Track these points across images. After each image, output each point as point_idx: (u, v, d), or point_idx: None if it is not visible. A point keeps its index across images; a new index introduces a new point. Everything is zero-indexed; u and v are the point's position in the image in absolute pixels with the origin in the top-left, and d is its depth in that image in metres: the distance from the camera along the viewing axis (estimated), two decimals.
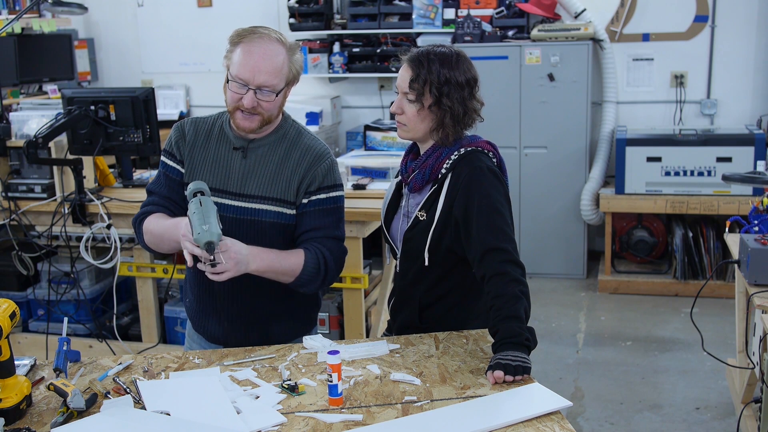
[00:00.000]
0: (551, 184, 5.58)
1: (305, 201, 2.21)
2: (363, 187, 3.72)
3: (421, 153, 2.20)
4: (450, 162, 2.13)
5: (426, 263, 2.14)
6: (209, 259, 1.92)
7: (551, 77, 5.41)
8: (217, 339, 2.34)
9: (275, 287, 2.21)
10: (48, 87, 5.87)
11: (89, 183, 3.78)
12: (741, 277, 3.18)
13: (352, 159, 4.09)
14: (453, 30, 5.67)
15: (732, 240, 3.27)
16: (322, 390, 1.83)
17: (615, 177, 5.34)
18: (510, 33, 5.65)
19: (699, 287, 4.19)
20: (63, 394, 1.74)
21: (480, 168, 2.10)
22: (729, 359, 3.59)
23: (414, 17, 5.79)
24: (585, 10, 5.57)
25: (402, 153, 2.34)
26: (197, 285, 2.32)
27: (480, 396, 1.77)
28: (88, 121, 3.49)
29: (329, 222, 2.23)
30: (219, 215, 1.98)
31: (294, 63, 2.17)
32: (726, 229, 3.51)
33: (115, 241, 3.66)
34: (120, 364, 2.02)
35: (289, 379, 1.87)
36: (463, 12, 5.70)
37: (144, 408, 1.75)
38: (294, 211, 2.22)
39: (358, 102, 6.39)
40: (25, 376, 1.91)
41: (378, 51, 5.96)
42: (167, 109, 6.30)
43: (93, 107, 3.49)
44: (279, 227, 2.22)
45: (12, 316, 1.75)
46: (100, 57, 6.87)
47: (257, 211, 2.20)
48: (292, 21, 6.03)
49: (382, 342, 2.08)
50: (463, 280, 2.17)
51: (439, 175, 2.14)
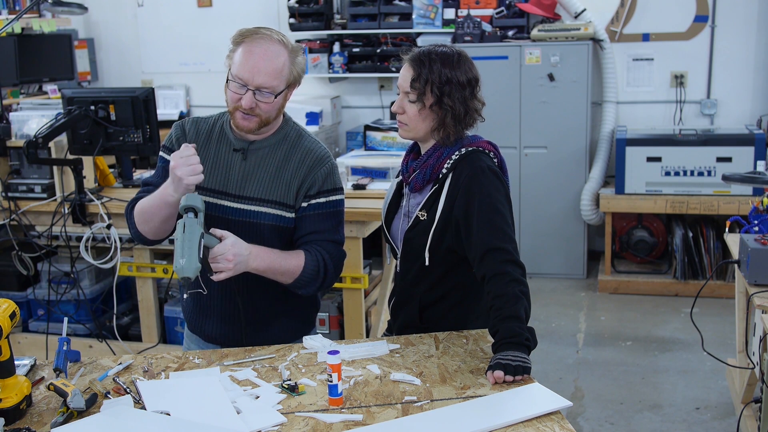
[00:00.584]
0: (551, 184, 5.58)
1: (305, 204, 2.21)
2: (363, 187, 3.72)
3: (422, 153, 2.20)
4: (451, 162, 2.13)
5: (426, 263, 2.14)
6: (185, 295, 1.92)
7: (551, 77, 5.41)
8: (214, 339, 2.34)
9: (272, 288, 2.21)
10: (48, 87, 5.87)
11: (89, 183, 3.78)
12: (741, 277, 3.18)
13: (352, 159, 4.08)
14: (453, 30, 5.67)
15: (732, 240, 3.27)
16: (322, 390, 1.83)
17: (615, 177, 5.34)
18: (510, 33, 5.65)
19: (699, 287, 4.19)
20: (63, 394, 1.74)
21: (481, 168, 2.10)
22: (729, 359, 3.59)
23: (414, 17, 5.79)
24: (585, 10, 5.57)
25: (402, 153, 2.34)
26: (193, 285, 2.30)
27: (480, 396, 1.77)
28: (88, 121, 3.49)
29: (329, 226, 2.23)
30: (205, 235, 1.94)
31: (295, 65, 2.16)
32: (726, 229, 3.51)
33: (115, 241, 3.66)
34: (120, 364, 2.02)
35: (289, 379, 1.87)
36: (463, 12, 5.70)
37: (144, 408, 1.75)
38: (293, 215, 2.22)
39: (358, 102, 6.39)
40: (25, 376, 1.91)
41: (378, 51, 5.96)
42: (167, 109, 6.30)
43: (93, 107, 3.49)
44: (278, 230, 2.21)
45: (12, 316, 1.75)
46: (100, 57, 6.87)
47: (256, 214, 2.20)
48: (292, 21, 6.03)
49: (382, 342, 2.08)
50: (464, 280, 2.17)
51: (440, 175, 2.14)
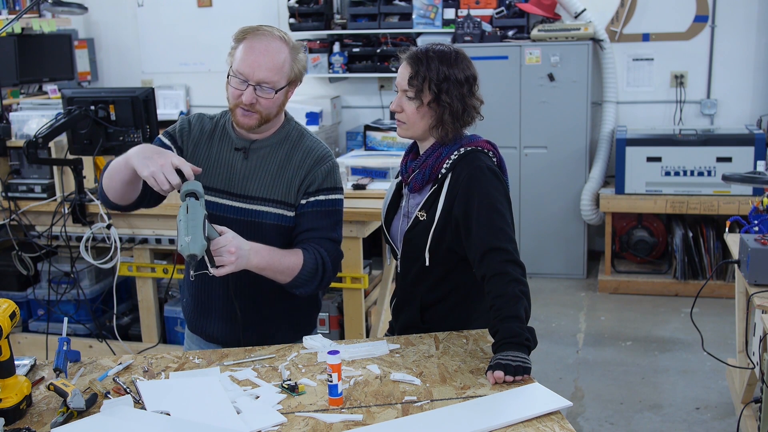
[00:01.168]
0: (551, 184, 5.58)
1: (303, 202, 2.21)
2: (363, 187, 3.72)
3: (421, 152, 2.20)
4: (450, 162, 2.13)
5: (427, 263, 2.14)
6: (192, 271, 1.90)
7: (551, 77, 5.41)
8: (215, 339, 2.34)
9: (273, 288, 2.20)
10: (48, 87, 5.86)
11: (89, 183, 3.78)
12: (741, 277, 3.18)
13: (352, 159, 4.09)
14: (453, 30, 5.68)
15: (732, 240, 3.27)
16: (322, 390, 1.83)
17: (615, 177, 5.34)
18: (510, 33, 5.65)
19: (699, 287, 4.19)
20: (63, 394, 1.74)
21: (480, 167, 2.10)
22: (729, 359, 3.59)
23: (414, 17, 5.79)
24: (585, 10, 5.57)
25: (402, 153, 2.33)
26: (194, 284, 2.31)
27: (480, 396, 1.77)
28: (88, 121, 3.49)
29: (327, 224, 2.22)
30: (207, 224, 1.93)
31: (296, 62, 2.17)
32: (726, 229, 3.51)
33: (115, 241, 3.66)
34: (120, 364, 2.01)
35: (289, 379, 1.87)
36: (463, 12, 5.70)
37: (144, 408, 1.75)
38: (294, 213, 2.22)
39: (358, 102, 6.39)
40: (25, 376, 1.91)
41: (378, 51, 5.96)
42: (167, 109, 6.30)
43: (93, 107, 3.49)
44: (279, 229, 2.21)
45: (12, 316, 1.75)
46: (100, 57, 6.87)
47: (258, 213, 2.20)
48: (292, 21, 6.03)
49: (382, 342, 2.08)
50: (465, 279, 2.17)
51: (439, 175, 2.14)
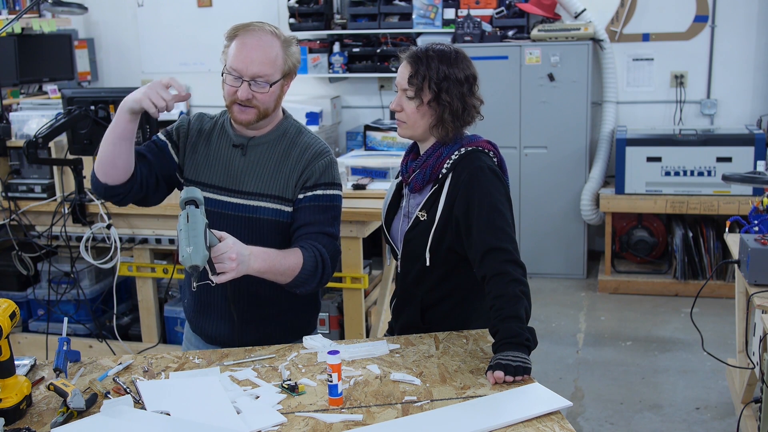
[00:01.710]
0: (551, 184, 5.58)
1: (301, 196, 2.20)
2: (363, 187, 3.72)
3: (421, 152, 2.20)
4: (450, 162, 2.13)
5: (427, 263, 2.14)
6: (194, 283, 1.88)
7: (551, 77, 5.41)
8: (215, 340, 2.33)
9: (272, 289, 2.19)
10: (48, 87, 5.86)
11: (89, 183, 3.77)
12: (741, 277, 3.18)
13: (352, 159, 4.08)
14: (453, 30, 5.68)
15: (732, 240, 3.27)
16: (322, 390, 1.83)
17: (615, 177, 5.34)
18: (510, 33, 5.65)
19: (699, 287, 4.19)
20: (63, 394, 1.74)
21: (481, 167, 2.10)
22: (729, 359, 3.59)
23: (414, 17, 5.79)
24: (585, 10, 5.57)
25: (402, 153, 2.33)
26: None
27: (480, 396, 1.77)
28: (88, 121, 3.48)
29: (324, 218, 2.21)
30: (208, 231, 1.92)
31: (290, 56, 2.18)
32: (726, 229, 3.51)
33: (115, 241, 3.66)
34: (120, 364, 2.02)
35: (289, 379, 1.87)
36: (463, 12, 5.70)
37: (144, 408, 1.75)
38: (292, 209, 2.22)
39: (358, 102, 6.39)
40: (25, 376, 1.91)
41: (378, 51, 5.96)
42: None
43: (93, 107, 3.49)
44: (277, 225, 2.21)
45: (12, 316, 1.75)
46: (100, 57, 6.87)
47: (256, 209, 2.20)
48: (292, 21, 6.03)
49: (382, 342, 2.08)
50: (465, 279, 2.17)
51: (440, 175, 2.14)
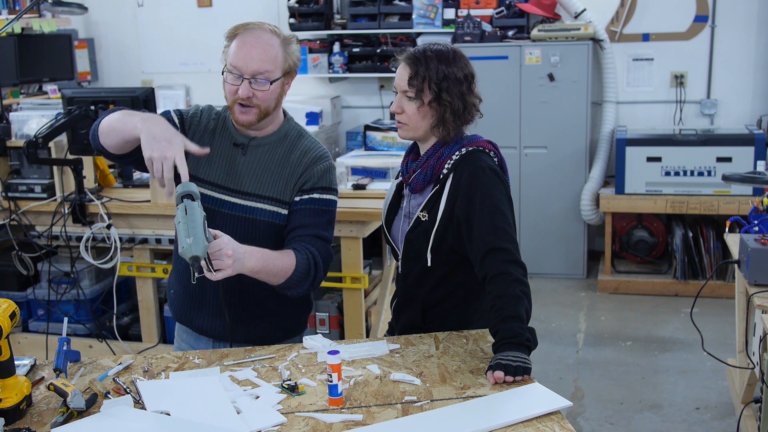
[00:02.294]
0: (551, 184, 5.58)
1: (297, 199, 2.20)
2: (363, 187, 3.72)
3: (422, 153, 2.20)
4: (451, 162, 2.13)
5: (429, 264, 2.14)
6: (195, 274, 1.88)
7: (551, 77, 5.41)
8: (204, 331, 2.33)
9: (266, 288, 2.18)
10: (48, 87, 5.87)
11: (89, 183, 3.78)
12: (741, 277, 3.18)
13: (352, 159, 4.08)
14: (453, 30, 5.68)
15: (732, 240, 3.27)
16: (322, 390, 1.83)
17: (615, 177, 5.34)
18: (510, 33, 5.65)
19: (699, 287, 4.19)
20: (63, 394, 1.74)
21: (482, 168, 2.10)
22: (729, 359, 3.59)
23: (414, 17, 5.79)
24: (585, 10, 5.57)
25: (402, 153, 2.33)
26: (186, 276, 2.28)
27: (480, 396, 1.77)
28: (88, 121, 3.48)
29: (319, 222, 2.21)
30: (206, 223, 1.92)
31: (290, 54, 2.18)
32: (726, 229, 3.51)
33: (115, 241, 3.66)
34: (120, 364, 2.02)
35: (289, 379, 1.87)
36: (463, 12, 5.70)
37: (144, 408, 1.75)
38: (288, 211, 2.22)
39: (358, 102, 6.39)
40: (25, 376, 1.91)
41: (378, 51, 5.96)
42: (167, 109, 6.29)
43: (93, 107, 3.49)
44: (273, 227, 2.21)
45: (12, 316, 1.75)
46: (100, 57, 6.87)
47: (253, 209, 2.20)
48: (292, 21, 6.03)
49: (382, 342, 2.08)
50: (466, 280, 2.17)
51: (441, 176, 2.14)
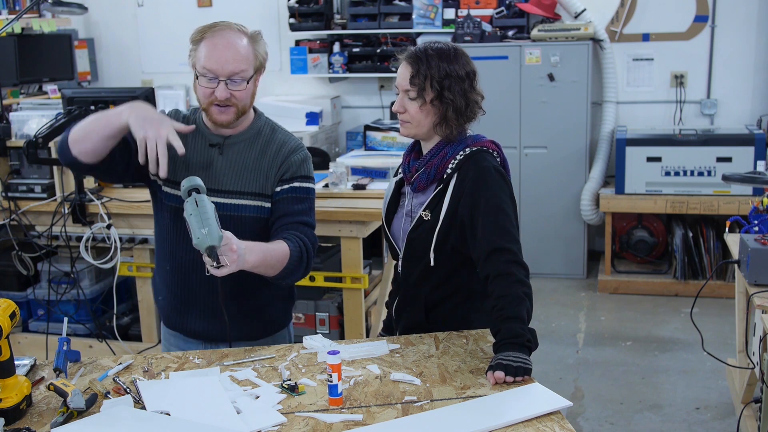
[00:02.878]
0: (551, 184, 5.58)
1: (278, 189, 2.24)
2: (363, 187, 3.72)
3: (425, 152, 2.20)
4: (455, 161, 2.13)
5: (432, 263, 2.14)
6: (212, 264, 1.89)
7: (551, 77, 5.41)
8: (197, 334, 2.33)
9: (254, 283, 2.22)
10: (48, 87, 5.86)
11: (89, 183, 3.78)
12: (741, 277, 3.18)
13: (352, 159, 4.08)
14: (453, 30, 5.68)
15: (732, 240, 3.27)
16: (322, 390, 1.83)
17: (615, 177, 5.34)
18: (510, 33, 5.65)
19: (699, 287, 4.19)
20: (63, 394, 1.74)
21: (486, 168, 2.10)
22: (729, 359, 3.59)
23: (414, 17, 5.79)
24: (585, 10, 5.57)
25: (401, 153, 2.33)
26: (174, 280, 2.29)
27: (480, 396, 1.77)
28: None
29: (303, 208, 2.25)
30: (217, 215, 1.95)
31: (259, 50, 2.21)
32: (726, 229, 3.51)
33: (115, 241, 3.66)
34: (120, 364, 2.02)
35: (289, 379, 1.87)
36: (463, 12, 5.70)
37: (144, 408, 1.75)
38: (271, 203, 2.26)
39: (358, 102, 6.39)
40: (25, 376, 1.91)
41: (378, 51, 5.96)
42: (167, 109, 6.29)
43: (93, 107, 3.49)
44: (258, 221, 2.24)
45: (12, 316, 1.75)
46: (100, 57, 6.87)
47: (238, 207, 2.22)
48: (292, 21, 6.03)
49: (382, 342, 2.08)
50: (469, 279, 2.16)
51: (444, 175, 2.14)
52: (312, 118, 5.88)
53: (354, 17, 5.96)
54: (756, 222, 3.12)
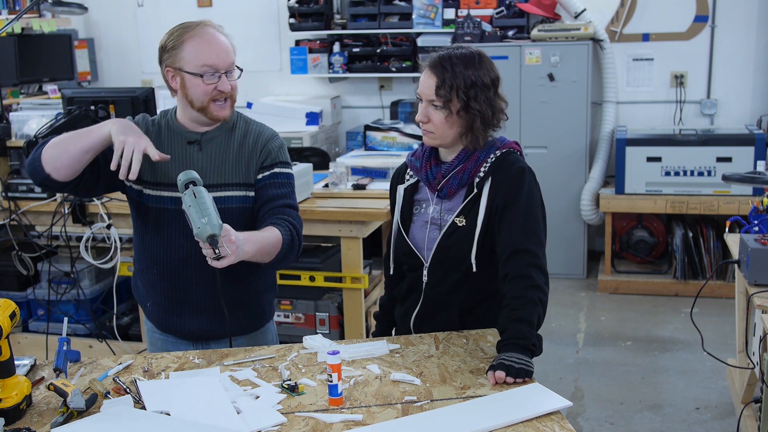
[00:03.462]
0: (551, 184, 5.56)
1: (260, 176, 2.28)
2: (363, 187, 3.72)
3: (449, 158, 2.16)
4: (488, 165, 2.12)
5: (474, 269, 2.10)
6: (213, 254, 1.91)
7: (551, 77, 5.41)
8: (190, 333, 2.33)
9: (242, 276, 2.26)
10: (48, 87, 5.86)
11: None
12: (741, 277, 3.18)
13: (352, 159, 4.08)
14: (453, 30, 5.68)
15: (732, 240, 3.27)
16: (322, 390, 1.83)
17: (615, 177, 5.34)
18: (510, 33, 5.65)
19: (699, 287, 4.19)
20: (63, 394, 1.74)
21: (523, 168, 2.10)
22: (729, 359, 3.59)
23: (414, 17, 5.79)
24: (585, 10, 5.57)
25: (402, 153, 2.33)
26: (164, 282, 2.30)
27: (480, 396, 1.77)
28: (88, 121, 3.48)
29: (286, 192, 2.29)
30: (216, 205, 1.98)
31: (231, 41, 2.29)
32: (726, 229, 3.51)
33: (115, 241, 3.66)
34: (120, 364, 2.02)
35: (289, 379, 1.87)
36: (463, 12, 5.70)
37: (144, 408, 1.75)
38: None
39: (358, 102, 6.39)
40: (25, 376, 1.91)
41: (378, 51, 5.95)
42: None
43: (93, 107, 3.49)
44: (246, 211, 2.27)
45: (12, 316, 1.75)
46: (100, 57, 6.87)
47: (224, 199, 2.24)
48: (292, 21, 6.03)
49: (382, 342, 2.08)
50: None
51: (477, 179, 2.12)
52: (312, 118, 5.87)
53: (354, 17, 5.96)
54: (756, 222, 3.12)
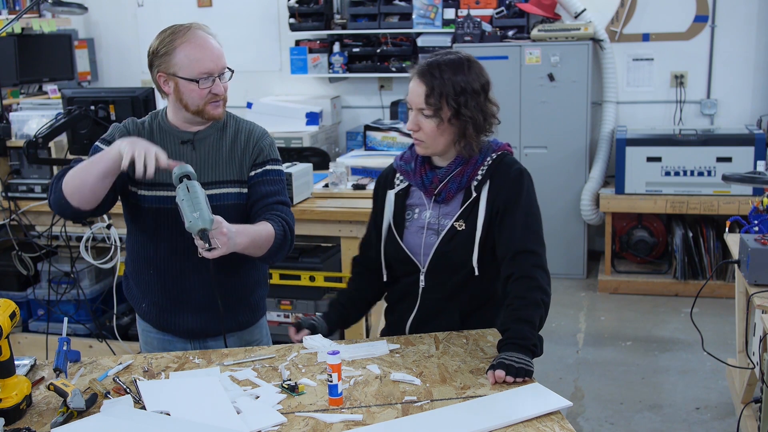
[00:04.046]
0: (551, 184, 5.58)
1: (253, 173, 2.30)
2: (363, 187, 3.72)
3: (443, 162, 2.16)
4: (485, 168, 2.12)
5: (476, 273, 2.10)
6: (204, 247, 1.94)
7: (551, 77, 5.41)
8: (187, 331, 2.34)
9: (236, 272, 2.29)
10: (48, 87, 5.86)
11: None
12: (741, 277, 3.18)
13: (352, 159, 4.08)
14: (453, 30, 5.68)
15: (732, 240, 3.27)
16: (322, 390, 1.83)
17: (615, 177, 5.34)
18: (510, 33, 5.65)
19: (699, 287, 4.19)
20: (63, 394, 1.74)
21: (521, 170, 2.12)
22: (729, 359, 3.59)
23: (414, 17, 5.79)
24: (585, 10, 5.57)
25: (401, 153, 2.32)
26: (162, 281, 2.31)
27: (480, 396, 1.77)
28: (88, 121, 3.49)
29: (278, 189, 2.32)
30: (208, 199, 2.01)
31: (219, 40, 2.29)
32: (726, 229, 3.51)
33: (115, 241, 3.66)
34: (120, 364, 2.02)
35: (289, 379, 1.87)
36: (463, 12, 5.70)
37: (144, 408, 1.75)
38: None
39: (358, 102, 6.39)
40: (25, 376, 1.91)
41: (378, 51, 5.95)
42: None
43: (93, 107, 3.49)
44: (240, 207, 2.29)
45: (12, 316, 1.75)
46: (100, 57, 6.87)
47: (219, 196, 2.26)
48: (292, 21, 6.03)
49: (382, 342, 2.08)
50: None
51: (475, 182, 2.12)
52: (312, 118, 5.87)
53: (354, 17, 5.96)
54: (756, 222, 3.12)
